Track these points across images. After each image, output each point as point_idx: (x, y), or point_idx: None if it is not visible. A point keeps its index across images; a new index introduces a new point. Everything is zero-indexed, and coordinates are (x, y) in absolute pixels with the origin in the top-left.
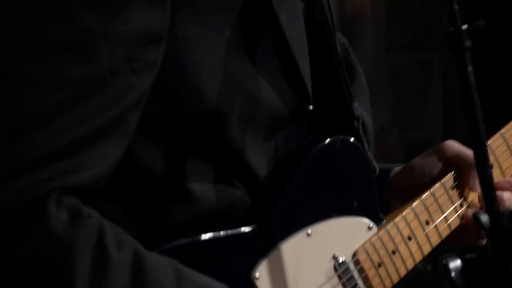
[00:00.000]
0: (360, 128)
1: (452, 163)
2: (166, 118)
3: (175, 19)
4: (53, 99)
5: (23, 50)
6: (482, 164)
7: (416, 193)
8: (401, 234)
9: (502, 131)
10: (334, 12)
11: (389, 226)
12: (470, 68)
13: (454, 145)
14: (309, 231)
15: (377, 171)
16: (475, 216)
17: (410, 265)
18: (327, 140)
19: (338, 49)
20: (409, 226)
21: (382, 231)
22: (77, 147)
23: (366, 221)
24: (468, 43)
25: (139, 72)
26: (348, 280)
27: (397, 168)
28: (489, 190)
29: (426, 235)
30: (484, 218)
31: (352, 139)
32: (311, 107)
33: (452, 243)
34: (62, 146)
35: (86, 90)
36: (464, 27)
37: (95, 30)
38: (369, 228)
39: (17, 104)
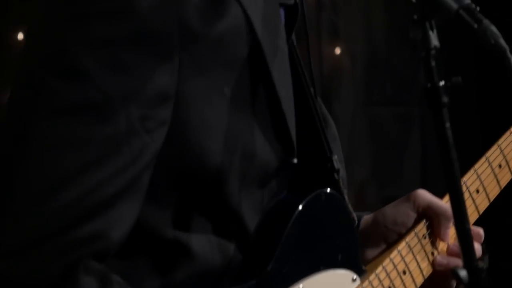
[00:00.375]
0: (340, 180)
1: (424, 213)
2: (169, 176)
3: (182, 77)
4: (73, 162)
5: (41, 111)
6: (461, 220)
7: (388, 242)
8: (382, 285)
9: (487, 155)
10: (313, 66)
11: (371, 277)
12: (447, 124)
13: (425, 195)
14: (301, 286)
15: (356, 223)
16: (454, 272)
17: None
18: (313, 194)
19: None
20: (389, 277)
21: (366, 283)
22: (100, 210)
23: (350, 273)
24: (445, 99)
25: (152, 132)
26: None
27: (367, 217)
28: (468, 246)
29: (404, 284)
30: (463, 273)
31: (334, 192)
32: (295, 160)
33: None
34: (86, 210)
35: (106, 151)
36: (442, 83)
37: (112, 90)
38: (353, 280)
39: (37, 169)
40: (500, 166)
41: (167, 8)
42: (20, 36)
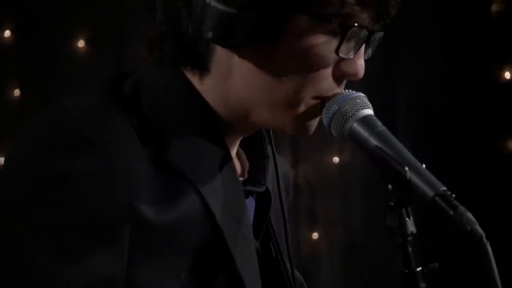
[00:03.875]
0: None
1: None
2: None
3: (132, 262)
4: None
5: None
6: None
7: None
8: None
9: None
10: (291, 249)
11: None
12: None
13: None
14: None
15: None
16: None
17: None
18: None
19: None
20: None
21: None
22: None
23: None
24: (423, 284)
25: None
26: None
27: None
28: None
29: None
30: None
31: None
32: None
33: None
34: None
35: None
36: (419, 269)
37: (53, 277)
38: None
39: None
40: None
41: (117, 196)
42: None
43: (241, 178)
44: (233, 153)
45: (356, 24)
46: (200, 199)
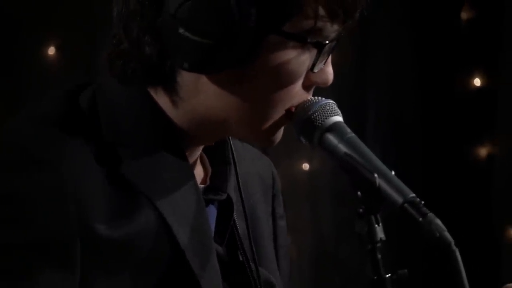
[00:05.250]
0: None
1: None
2: None
3: (87, 281)
4: None
5: None
6: None
7: None
8: None
9: None
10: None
11: None
12: None
13: None
14: None
15: None
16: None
17: None
18: None
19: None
20: None
21: None
22: None
23: None
24: None
25: None
26: None
27: None
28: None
29: None
30: None
31: None
32: None
33: None
34: None
35: None
36: (388, 275)
37: None
38: None
39: None
40: None
41: (67, 215)
42: None
43: (202, 186)
44: (194, 160)
45: (327, 42)
46: (156, 213)
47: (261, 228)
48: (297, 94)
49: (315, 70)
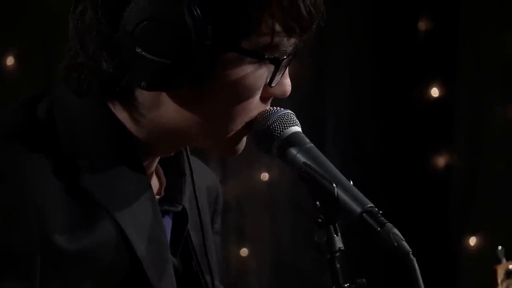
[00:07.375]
0: None
1: None
2: None
3: None
4: None
5: None
6: None
7: None
8: None
9: None
10: (217, 266)
11: None
12: None
13: None
14: None
15: None
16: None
17: None
18: None
19: None
20: None
21: None
22: None
23: None
24: None
25: None
26: None
27: None
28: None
29: None
30: None
31: None
32: None
33: None
34: None
35: None
36: (346, 285)
37: None
38: None
39: None
40: None
41: (26, 228)
42: None
43: (158, 196)
44: (151, 171)
45: (284, 57)
46: (115, 224)
47: (209, 239)
48: (255, 107)
49: (273, 85)
